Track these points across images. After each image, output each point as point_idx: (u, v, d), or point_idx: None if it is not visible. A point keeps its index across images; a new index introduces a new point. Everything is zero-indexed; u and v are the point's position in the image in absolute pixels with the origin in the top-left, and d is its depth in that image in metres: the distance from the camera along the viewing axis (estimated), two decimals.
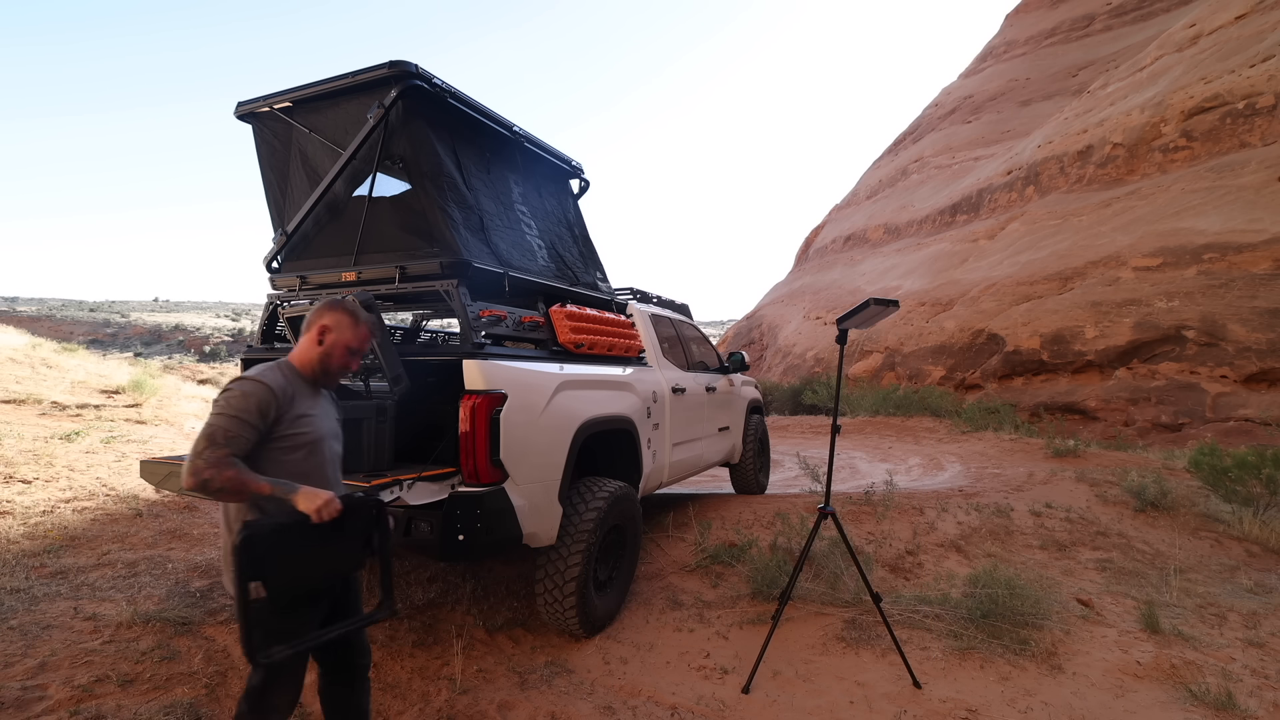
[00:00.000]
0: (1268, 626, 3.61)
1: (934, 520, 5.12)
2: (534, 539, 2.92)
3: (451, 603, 3.65)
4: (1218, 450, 5.98)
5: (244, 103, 3.27)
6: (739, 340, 27.46)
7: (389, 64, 2.82)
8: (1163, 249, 12.22)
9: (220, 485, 1.68)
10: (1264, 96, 12.65)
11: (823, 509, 3.04)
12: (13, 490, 4.67)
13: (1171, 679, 2.99)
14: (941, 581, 4.07)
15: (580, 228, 4.18)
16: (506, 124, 3.43)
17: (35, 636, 2.97)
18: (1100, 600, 3.91)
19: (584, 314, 3.57)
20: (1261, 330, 10.25)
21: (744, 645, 3.23)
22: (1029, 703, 2.79)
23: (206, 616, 3.34)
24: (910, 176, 25.83)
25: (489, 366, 2.77)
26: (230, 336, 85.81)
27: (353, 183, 3.13)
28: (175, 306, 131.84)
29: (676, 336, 5.07)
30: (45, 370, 8.61)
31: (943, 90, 29.99)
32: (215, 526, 4.68)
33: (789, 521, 4.65)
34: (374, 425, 2.75)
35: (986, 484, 6.63)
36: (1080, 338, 12.38)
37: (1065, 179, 16.54)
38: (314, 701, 2.63)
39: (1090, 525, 5.29)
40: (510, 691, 2.76)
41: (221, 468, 1.69)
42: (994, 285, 15.06)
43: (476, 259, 2.95)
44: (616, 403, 3.64)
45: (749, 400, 6.17)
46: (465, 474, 2.67)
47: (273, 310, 3.45)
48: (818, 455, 8.10)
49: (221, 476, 1.68)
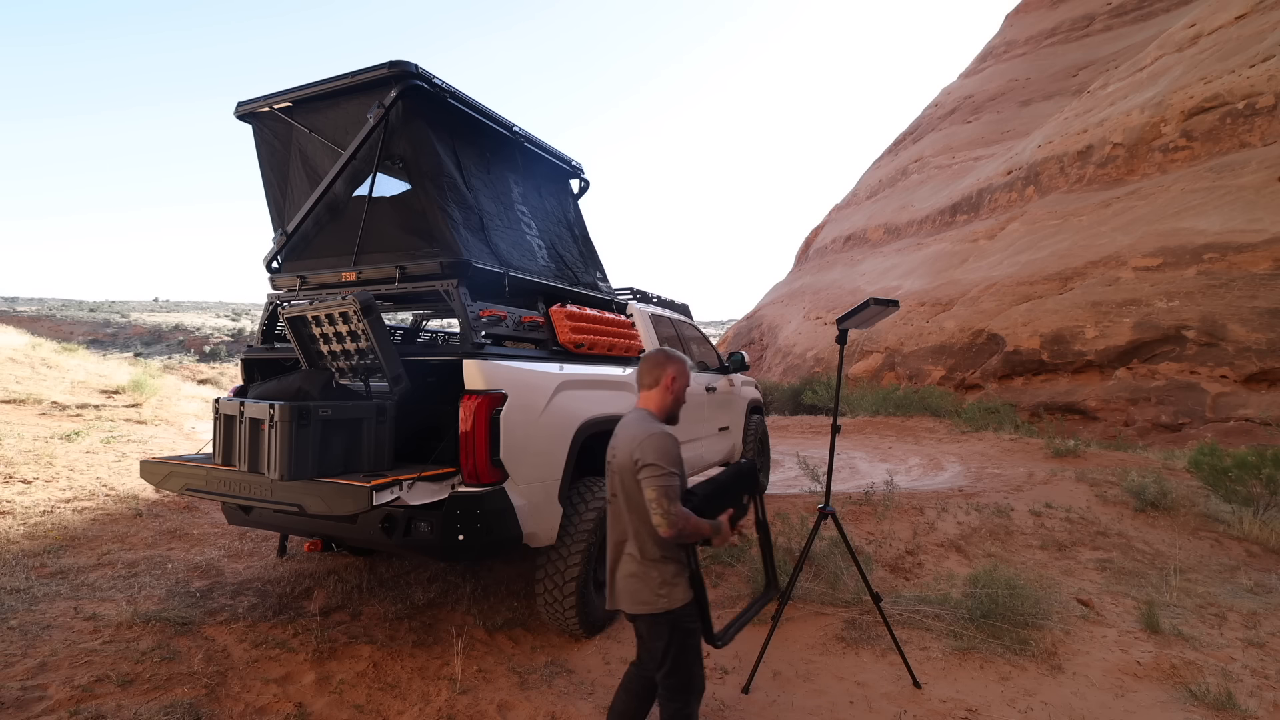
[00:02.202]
0: (1268, 626, 3.61)
1: (934, 520, 5.12)
2: (534, 539, 2.92)
3: (451, 603, 3.65)
4: (1218, 450, 5.98)
5: (244, 103, 3.27)
6: (739, 340, 27.45)
7: (389, 64, 2.82)
8: (1163, 249, 12.22)
9: (691, 531, 1.94)
10: (1264, 96, 12.65)
11: (823, 509, 3.04)
12: (13, 490, 4.67)
13: (1171, 679, 2.99)
14: (941, 581, 4.07)
15: (580, 228, 4.18)
16: (506, 124, 3.43)
17: (35, 636, 2.97)
18: (1100, 600, 3.91)
19: (584, 314, 3.57)
20: (1261, 330, 10.25)
21: (744, 645, 3.23)
22: (1029, 703, 2.79)
23: (206, 616, 3.34)
24: (910, 176, 25.83)
25: (489, 366, 2.77)
26: (230, 336, 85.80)
27: (353, 183, 3.13)
28: (175, 306, 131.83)
29: (676, 336, 5.07)
30: (45, 370, 8.61)
31: (943, 90, 29.99)
32: (215, 527, 4.68)
33: (789, 521, 4.65)
34: (374, 425, 2.75)
35: (986, 484, 6.63)
36: (1080, 338, 12.38)
37: (1065, 179, 16.54)
38: (315, 700, 2.63)
39: (1090, 525, 5.29)
40: (510, 691, 2.76)
41: (688, 518, 1.93)
42: (994, 285, 15.06)
43: (476, 259, 2.95)
44: (616, 403, 3.64)
45: (749, 400, 6.17)
46: (465, 474, 2.67)
47: (273, 310, 3.45)
48: (817, 455, 8.10)
49: (690, 525, 1.92)
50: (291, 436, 2.46)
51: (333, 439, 2.61)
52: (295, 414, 2.46)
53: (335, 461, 2.62)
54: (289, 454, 2.47)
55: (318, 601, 3.60)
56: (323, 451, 2.57)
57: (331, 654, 3.03)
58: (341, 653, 3.04)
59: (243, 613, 3.41)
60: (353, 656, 3.01)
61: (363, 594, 3.73)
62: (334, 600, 3.62)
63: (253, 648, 3.05)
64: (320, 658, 2.98)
